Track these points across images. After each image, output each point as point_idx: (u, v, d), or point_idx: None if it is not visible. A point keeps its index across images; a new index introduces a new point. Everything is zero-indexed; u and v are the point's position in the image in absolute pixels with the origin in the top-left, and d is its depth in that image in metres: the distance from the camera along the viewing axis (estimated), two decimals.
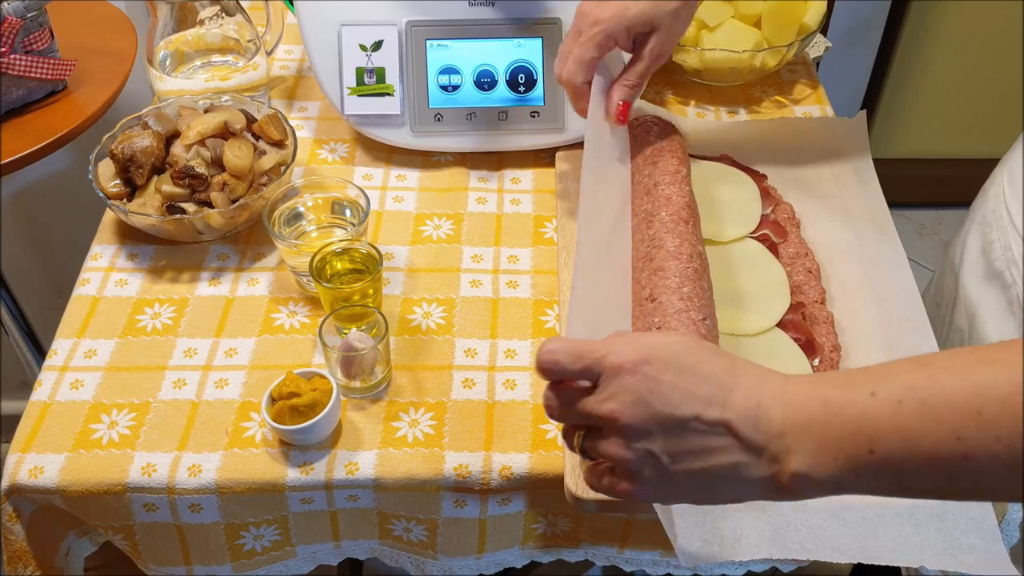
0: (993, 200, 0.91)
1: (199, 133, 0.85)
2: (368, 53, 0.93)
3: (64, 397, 0.75)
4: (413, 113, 0.94)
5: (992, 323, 0.86)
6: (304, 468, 0.71)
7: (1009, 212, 0.87)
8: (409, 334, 0.80)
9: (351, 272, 0.79)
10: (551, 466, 0.71)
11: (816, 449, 0.47)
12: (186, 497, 0.70)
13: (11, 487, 0.70)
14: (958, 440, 0.43)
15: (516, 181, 0.96)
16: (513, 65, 0.94)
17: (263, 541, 0.75)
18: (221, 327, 0.81)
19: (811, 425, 0.47)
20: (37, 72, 0.94)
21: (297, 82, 1.08)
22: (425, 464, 0.71)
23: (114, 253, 0.88)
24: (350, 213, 0.84)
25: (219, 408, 0.75)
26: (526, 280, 0.85)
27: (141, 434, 0.73)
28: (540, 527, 0.76)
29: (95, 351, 0.79)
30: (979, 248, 0.90)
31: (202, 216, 0.82)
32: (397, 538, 0.76)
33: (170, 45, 0.99)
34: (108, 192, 0.85)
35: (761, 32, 1.02)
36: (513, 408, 0.75)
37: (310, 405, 0.70)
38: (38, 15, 0.93)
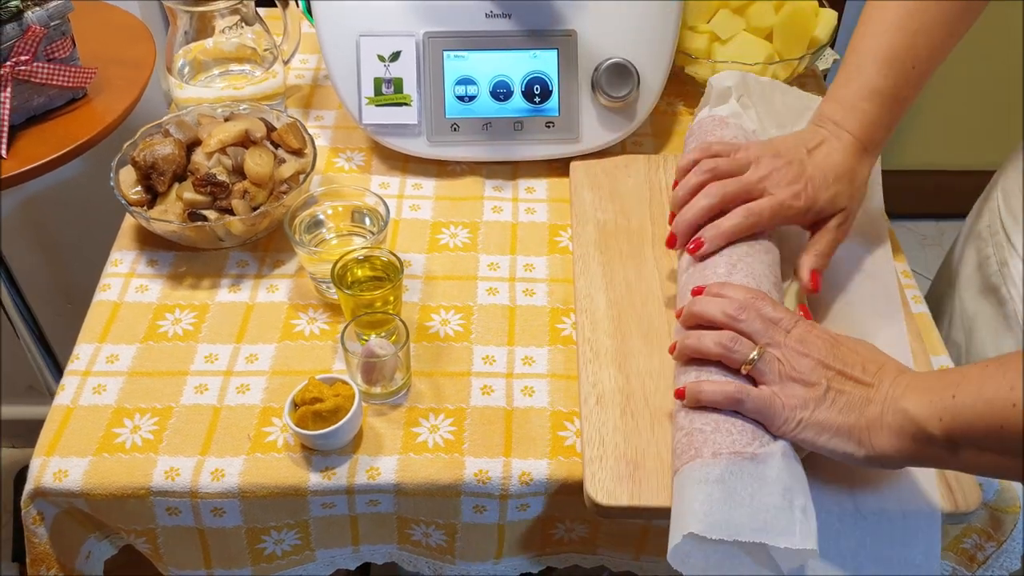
0: (988, 216, 0.92)
1: (220, 141, 0.86)
2: (386, 63, 0.94)
3: (87, 401, 0.76)
4: (430, 123, 0.95)
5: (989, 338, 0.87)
6: (326, 473, 0.71)
7: (1005, 228, 0.88)
8: (428, 341, 0.81)
9: (371, 279, 0.80)
10: (570, 472, 0.72)
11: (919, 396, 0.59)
12: (209, 501, 0.71)
13: (36, 490, 0.71)
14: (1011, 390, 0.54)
15: (531, 190, 0.97)
16: (529, 76, 0.95)
17: (283, 545, 0.76)
18: (242, 333, 0.82)
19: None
20: (59, 80, 0.95)
21: (313, 91, 1.09)
22: (445, 469, 0.72)
23: (134, 259, 0.88)
24: (369, 221, 0.85)
25: (241, 413, 0.75)
26: (542, 288, 0.86)
27: (164, 438, 0.74)
28: (557, 533, 0.77)
29: (117, 356, 0.80)
30: (975, 263, 0.91)
31: (223, 223, 0.83)
32: (416, 543, 0.77)
33: (188, 54, 1.00)
34: (130, 199, 0.86)
35: (773, 45, 1.03)
36: (531, 415, 0.76)
37: (332, 410, 0.71)
38: (61, 24, 0.95)
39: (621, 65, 0.93)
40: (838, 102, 0.78)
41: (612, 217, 0.90)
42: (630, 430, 0.71)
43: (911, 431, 0.59)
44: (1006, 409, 0.54)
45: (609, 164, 0.96)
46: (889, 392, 0.61)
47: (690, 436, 0.64)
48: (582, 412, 0.73)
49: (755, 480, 0.61)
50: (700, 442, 0.64)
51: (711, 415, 0.65)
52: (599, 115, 0.96)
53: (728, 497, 0.60)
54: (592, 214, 0.90)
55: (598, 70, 0.94)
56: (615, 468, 0.69)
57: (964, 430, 0.56)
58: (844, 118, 0.77)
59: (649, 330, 0.79)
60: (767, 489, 0.61)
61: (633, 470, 0.69)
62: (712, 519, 0.59)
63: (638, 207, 0.91)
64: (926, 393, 0.59)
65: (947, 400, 0.57)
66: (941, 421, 0.57)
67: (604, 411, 0.73)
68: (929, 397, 0.58)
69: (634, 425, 0.72)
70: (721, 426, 0.64)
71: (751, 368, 0.65)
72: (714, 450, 0.63)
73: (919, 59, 0.77)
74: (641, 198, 0.92)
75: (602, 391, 0.74)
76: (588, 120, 0.96)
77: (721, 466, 0.62)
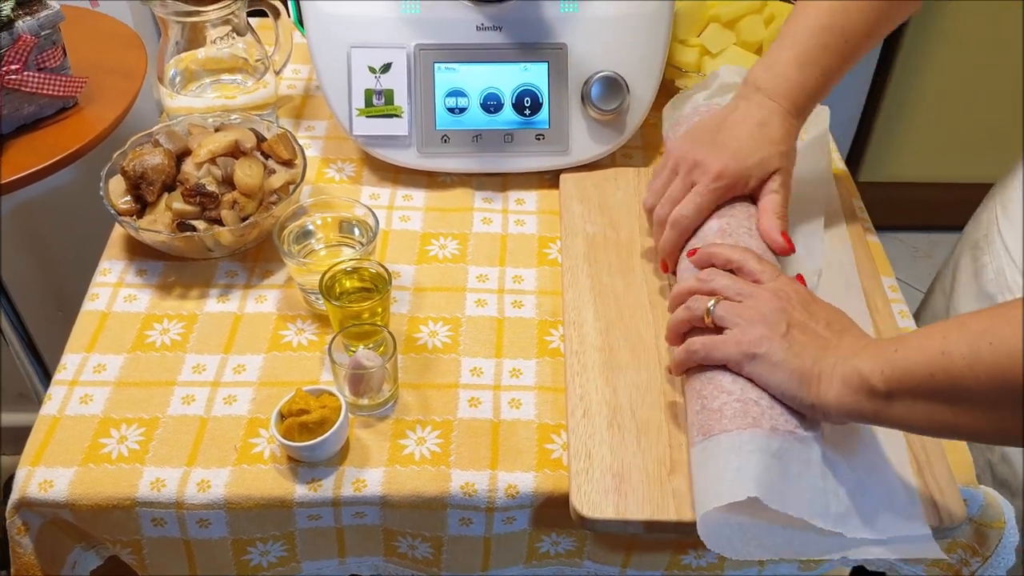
0: (986, 225, 0.92)
1: (210, 151, 0.86)
2: (377, 75, 0.94)
3: (73, 411, 0.76)
4: (420, 134, 0.95)
5: None
6: (312, 485, 0.71)
7: (1003, 238, 0.89)
8: (415, 352, 0.81)
9: (360, 291, 0.80)
10: (556, 485, 0.72)
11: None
12: (194, 512, 0.71)
13: (21, 500, 0.71)
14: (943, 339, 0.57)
15: (521, 202, 0.97)
16: (519, 89, 0.95)
17: (269, 557, 0.76)
18: (230, 344, 0.82)
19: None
20: (49, 89, 0.95)
21: (304, 101, 1.09)
22: (432, 482, 0.72)
23: (123, 269, 0.88)
24: (359, 232, 0.85)
25: (228, 424, 0.75)
26: (531, 300, 0.86)
27: (150, 449, 0.73)
28: (543, 545, 0.77)
29: (104, 366, 0.79)
30: (971, 271, 0.92)
31: (212, 234, 0.83)
32: (402, 555, 0.77)
33: (180, 63, 1.00)
34: (119, 208, 0.86)
35: None
36: (518, 427, 0.76)
37: (319, 422, 0.71)
38: (52, 33, 0.95)
39: (611, 78, 0.94)
40: (764, 67, 0.82)
41: (601, 230, 0.90)
42: (616, 443, 0.72)
43: (856, 383, 0.61)
44: (935, 357, 0.57)
45: (599, 177, 0.97)
46: (846, 349, 0.64)
47: (745, 405, 0.66)
48: (569, 425, 0.73)
49: (803, 462, 0.64)
50: (757, 413, 0.65)
51: (737, 382, 0.67)
52: (589, 128, 0.97)
53: (783, 472, 0.63)
54: (581, 226, 0.91)
55: (588, 83, 0.94)
56: (601, 481, 0.69)
57: (900, 381, 0.59)
58: (769, 83, 0.80)
59: (637, 343, 0.79)
60: (811, 471, 0.64)
61: (619, 483, 0.69)
62: (770, 489, 0.62)
63: (627, 220, 0.91)
64: (876, 350, 0.62)
65: (890, 354, 0.60)
66: (883, 373, 0.60)
67: (591, 424, 0.73)
68: (877, 353, 0.61)
69: (621, 438, 0.72)
70: (776, 402, 0.66)
71: (710, 318, 0.69)
72: (773, 425, 0.65)
73: (850, 32, 0.79)
74: (630, 211, 0.93)
75: (589, 404, 0.74)
76: (578, 133, 0.96)
77: (778, 442, 0.64)
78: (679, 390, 0.76)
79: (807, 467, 0.64)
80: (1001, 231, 0.89)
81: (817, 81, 0.80)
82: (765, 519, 0.64)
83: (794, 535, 0.64)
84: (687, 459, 0.70)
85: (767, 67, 0.81)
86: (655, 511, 0.67)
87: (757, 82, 0.81)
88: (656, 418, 0.73)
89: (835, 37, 0.79)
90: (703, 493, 0.64)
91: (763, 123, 0.79)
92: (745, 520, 0.64)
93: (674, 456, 0.71)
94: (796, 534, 0.64)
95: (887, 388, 0.60)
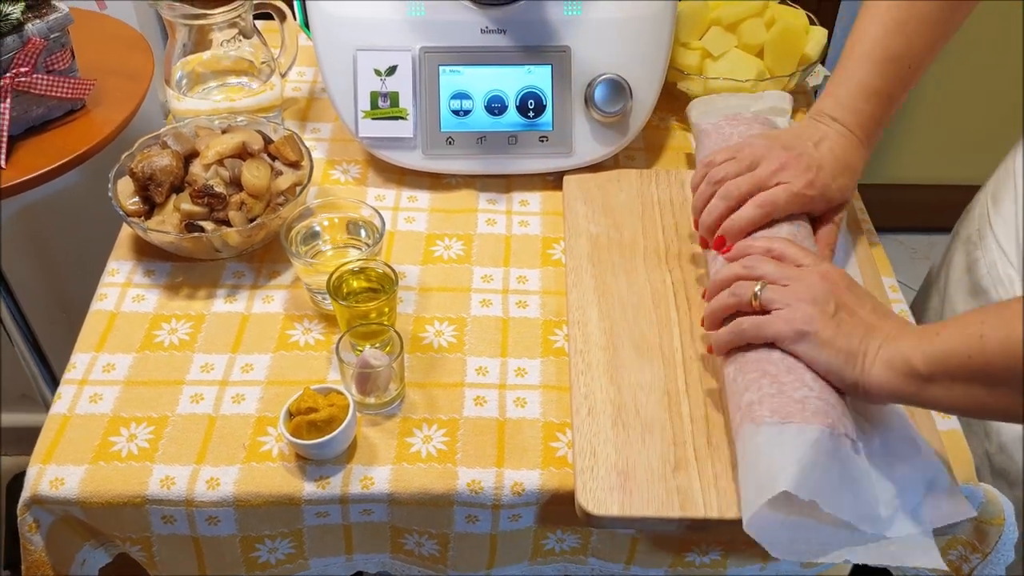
0: (977, 220, 0.94)
1: (218, 153, 0.87)
2: (382, 78, 0.95)
3: (84, 410, 0.77)
4: (425, 136, 0.96)
5: None
6: (320, 482, 0.72)
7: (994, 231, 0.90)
8: (421, 352, 0.82)
9: (367, 291, 0.81)
10: (562, 483, 0.73)
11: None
12: (204, 510, 0.72)
13: (32, 497, 0.72)
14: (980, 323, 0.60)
15: (524, 203, 0.98)
16: (523, 91, 0.96)
17: (277, 554, 0.76)
18: (237, 343, 0.82)
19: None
20: (58, 91, 0.96)
21: (310, 104, 1.10)
22: (439, 479, 0.73)
23: (131, 269, 0.89)
24: (365, 233, 0.86)
25: (236, 423, 0.76)
26: (535, 300, 0.87)
27: (160, 447, 0.74)
28: (549, 542, 0.78)
29: (113, 365, 0.80)
30: (964, 266, 0.93)
31: (220, 235, 0.84)
32: (409, 552, 0.78)
33: (186, 66, 1.01)
34: (127, 209, 0.87)
35: (764, 62, 1.05)
36: (524, 425, 0.77)
37: (327, 420, 0.72)
38: (60, 36, 0.96)
39: (614, 81, 0.95)
40: (836, 99, 0.82)
41: (604, 230, 0.91)
42: (621, 441, 0.72)
43: (899, 365, 0.64)
44: (973, 339, 0.60)
45: (602, 178, 0.98)
46: (890, 332, 0.66)
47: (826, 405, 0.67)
48: (574, 423, 0.74)
49: (859, 470, 0.66)
50: (835, 417, 0.66)
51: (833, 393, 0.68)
52: (592, 130, 0.97)
53: (844, 476, 0.64)
54: (585, 227, 0.91)
55: (591, 86, 0.95)
56: (606, 479, 0.70)
57: (939, 363, 0.62)
58: (842, 115, 0.82)
59: (641, 342, 0.80)
60: (863, 479, 0.66)
61: (624, 481, 0.70)
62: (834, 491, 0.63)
63: (630, 221, 0.92)
64: (919, 334, 0.65)
65: (932, 336, 0.63)
66: (924, 355, 0.63)
67: (596, 422, 0.74)
68: (920, 337, 0.64)
69: (625, 436, 0.73)
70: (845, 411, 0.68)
71: (758, 302, 0.71)
72: (845, 431, 0.66)
73: (914, 58, 0.81)
74: (633, 212, 0.93)
75: (594, 402, 0.75)
76: (581, 135, 0.97)
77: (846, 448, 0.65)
78: (683, 389, 0.76)
79: (861, 475, 0.66)
80: (992, 225, 0.90)
81: (885, 110, 0.82)
82: (806, 515, 0.65)
83: (830, 535, 0.65)
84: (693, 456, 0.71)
85: (836, 100, 0.82)
86: (660, 508, 0.68)
87: (831, 113, 0.82)
88: (660, 416, 0.74)
89: (898, 65, 0.81)
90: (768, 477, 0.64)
91: (846, 149, 0.81)
92: (789, 515, 0.65)
93: (678, 453, 0.72)
94: (833, 533, 0.65)
95: (928, 370, 0.62)
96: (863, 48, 0.82)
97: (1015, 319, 0.58)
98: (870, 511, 0.65)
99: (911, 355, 0.63)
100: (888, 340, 0.65)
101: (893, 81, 0.81)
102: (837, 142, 0.81)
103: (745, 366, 0.71)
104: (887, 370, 0.64)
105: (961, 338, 0.61)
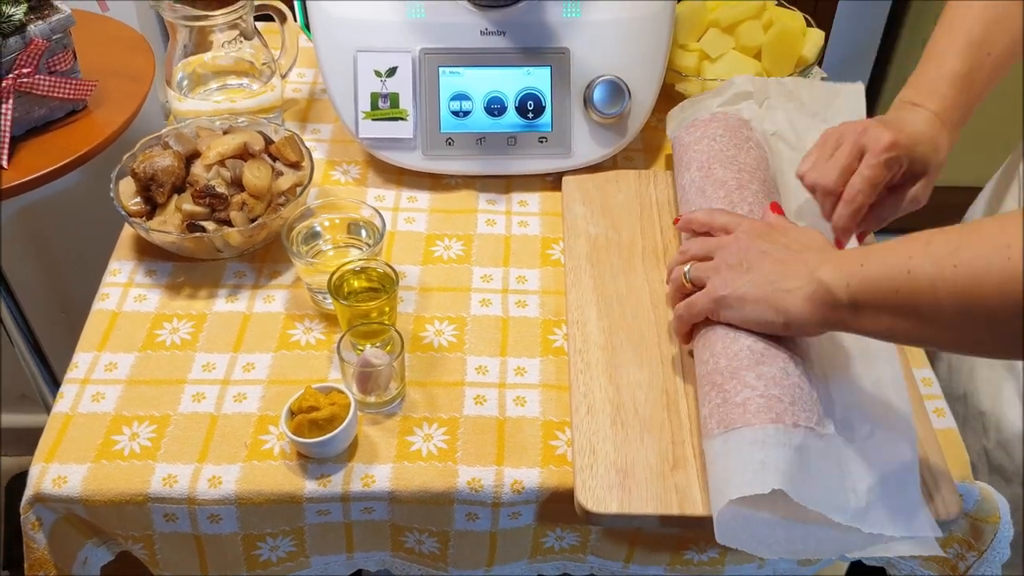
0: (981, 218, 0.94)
1: (219, 154, 0.88)
2: (383, 79, 0.96)
3: (86, 409, 0.77)
4: (425, 137, 0.97)
5: None
6: (322, 480, 0.73)
7: None
8: (422, 351, 0.83)
9: (368, 290, 0.81)
10: (561, 481, 0.73)
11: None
12: (206, 508, 0.72)
13: (35, 496, 0.72)
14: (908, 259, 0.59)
15: (524, 204, 0.99)
16: (522, 92, 0.97)
17: (279, 552, 0.77)
18: (239, 342, 0.83)
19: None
20: (60, 92, 0.96)
21: (310, 104, 1.11)
22: (439, 478, 0.73)
23: (132, 269, 0.90)
24: (366, 233, 0.87)
25: (238, 421, 0.77)
26: (534, 300, 0.88)
27: (162, 446, 0.75)
28: (548, 540, 0.79)
29: (115, 364, 0.81)
30: None
31: (222, 235, 0.85)
32: (409, 550, 0.79)
33: (187, 67, 1.01)
34: (129, 210, 0.87)
35: (761, 64, 1.05)
36: (523, 424, 0.77)
37: (328, 419, 0.72)
38: (63, 37, 0.96)
39: (613, 83, 0.95)
40: (915, 87, 0.82)
41: (603, 231, 0.92)
42: (620, 439, 0.73)
43: (822, 296, 0.65)
44: (901, 275, 0.59)
45: (600, 179, 0.98)
46: (809, 264, 0.67)
47: (769, 400, 0.67)
48: (573, 422, 0.75)
49: (823, 458, 0.66)
50: (781, 409, 0.67)
51: (785, 383, 0.68)
52: (591, 131, 0.98)
53: (804, 467, 0.65)
54: (584, 228, 0.92)
55: (590, 87, 0.96)
56: (605, 476, 0.70)
57: (866, 294, 0.62)
58: (922, 99, 0.81)
59: (639, 342, 0.81)
60: (830, 467, 0.66)
61: (623, 478, 0.70)
62: (793, 482, 0.63)
63: (629, 221, 0.93)
64: (840, 263, 0.65)
65: (855, 268, 0.63)
66: (848, 287, 0.63)
67: (595, 421, 0.74)
68: (841, 266, 0.64)
69: (624, 435, 0.73)
70: (798, 399, 0.68)
71: (690, 284, 0.75)
72: (795, 420, 0.66)
73: (994, 46, 0.81)
74: (632, 212, 0.94)
75: (593, 401, 0.76)
76: (580, 136, 0.98)
77: (800, 437, 0.66)
78: (681, 388, 0.77)
79: (827, 463, 0.66)
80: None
81: (968, 96, 0.81)
82: (781, 515, 0.65)
83: (809, 532, 0.65)
84: (692, 454, 0.72)
85: (918, 88, 0.82)
86: (659, 506, 0.69)
87: (912, 100, 0.81)
88: (658, 415, 0.75)
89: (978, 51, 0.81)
90: (723, 484, 0.65)
91: (931, 124, 0.80)
92: (762, 516, 0.65)
93: (676, 452, 0.72)
94: (812, 531, 0.65)
95: (852, 300, 0.62)
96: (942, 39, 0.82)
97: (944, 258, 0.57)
98: (842, 500, 0.65)
99: (833, 284, 0.64)
100: (808, 272, 0.66)
101: (973, 66, 0.81)
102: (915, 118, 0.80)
103: (700, 380, 0.73)
104: (809, 303, 0.65)
105: (886, 270, 0.60)
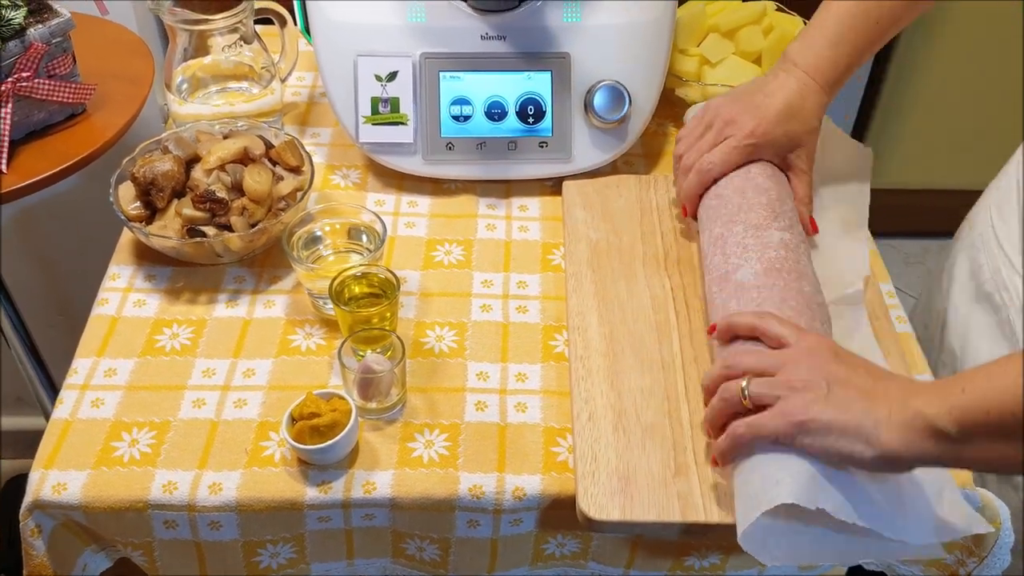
0: (980, 225, 0.94)
1: (220, 158, 0.87)
2: (383, 83, 0.95)
3: (85, 415, 0.77)
4: (425, 142, 0.97)
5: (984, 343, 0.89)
6: (322, 487, 0.72)
7: (997, 237, 0.90)
8: (423, 357, 0.83)
9: (368, 296, 0.81)
10: (563, 488, 0.73)
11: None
12: (206, 515, 0.72)
13: (34, 502, 0.72)
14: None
15: (524, 209, 0.98)
16: (523, 97, 0.97)
17: (279, 559, 0.77)
18: (239, 348, 0.83)
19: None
20: (59, 96, 0.96)
21: (309, 109, 1.10)
22: (440, 484, 0.73)
23: (132, 274, 0.89)
24: (366, 238, 0.87)
25: (238, 427, 0.76)
26: (535, 305, 0.88)
27: (162, 452, 0.74)
28: (549, 547, 0.78)
29: (115, 370, 0.80)
30: (968, 271, 0.94)
31: (222, 240, 0.84)
32: (410, 557, 0.78)
33: (187, 71, 1.01)
34: (129, 214, 0.87)
35: (761, 68, 1.05)
36: (524, 430, 0.77)
37: (329, 425, 0.72)
38: (62, 41, 0.96)
39: (613, 87, 0.95)
40: (803, 45, 0.87)
41: (604, 236, 0.92)
42: (622, 446, 0.73)
43: (921, 426, 0.59)
44: (1017, 397, 0.56)
45: (601, 184, 0.98)
46: (897, 393, 0.62)
47: None
48: (574, 428, 0.75)
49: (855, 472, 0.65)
50: None
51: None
52: (591, 136, 0.98)
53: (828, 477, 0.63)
54: (584, 233, 0.92)
55: (591, 92, 0.96)
56: (607, 483, 0.70)
57: (976, 421, 0.57)
58: (805, 60, 0.86)
59: (641, 348, 0.81)
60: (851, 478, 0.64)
61: (625, 485, 0.70)
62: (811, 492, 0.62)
63: (629, 226, 0.93)
64: (936, 391, 0.60)
65: (957, 394, 0.59)
66: (951, 415, 0.58)
67: (596, 427, 0.74)
68: (939, 394, 0.60)
69: (626, 441, 0.73)
70: None
71: (748, 400, 0.66)
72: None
73: (882, 15, 0.85)
74: (632, 217, 0.94)
75: (594, 408, 0.76)
76: (580, 140, 0.98)
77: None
78: (683, 394, 0.77)
79: (869, 480, 0.65)
80: (996, 230, 0.91)
81: (848, 59, 0.85)
82: (803, 521, 0.65)
83: (829, 537, 0.65)
84: (694, 460, 0.72)
85: (804, 44, 0.87)
86: (660, 513, 0.69)
87: (794, 57, 0.86)
88: (660, 422, 0.75)
89: (866, 20, 0.84)
90: (762, 486, 0.64)
91: (800, 94, 0.85)
92: (786, 526, 0.65)
93: (679, 458, 0.72)
94: (831, 536, 0.65)
95: (959, 430, 0.58)
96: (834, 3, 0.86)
97: None
98: (883, 513, 0.64)
99: (934, 416, 0.59)
100: (899, 402, 0.61)
101: (858, 33, 0.85)
102: (793, 89, 0.85)
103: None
104: (907, 433, 0.60)
105: (994, 393, 0.57)
